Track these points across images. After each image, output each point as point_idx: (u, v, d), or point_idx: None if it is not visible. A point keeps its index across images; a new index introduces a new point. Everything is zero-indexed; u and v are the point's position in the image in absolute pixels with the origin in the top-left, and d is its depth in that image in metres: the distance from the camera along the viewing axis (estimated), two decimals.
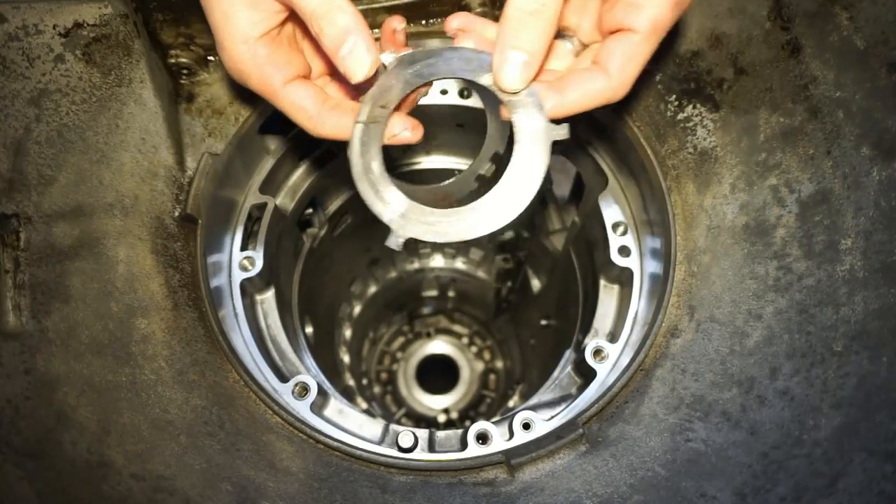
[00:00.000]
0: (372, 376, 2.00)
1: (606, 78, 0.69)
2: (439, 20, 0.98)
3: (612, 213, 1.01)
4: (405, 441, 0.87)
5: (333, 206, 1.29)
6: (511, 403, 1.83)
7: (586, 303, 1.19)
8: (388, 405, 1.98)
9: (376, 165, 0.71)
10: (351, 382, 1.77)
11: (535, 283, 1.62)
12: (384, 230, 0.70)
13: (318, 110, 0.77)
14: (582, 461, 0.79)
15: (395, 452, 0.87)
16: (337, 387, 1.60)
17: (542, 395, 0.98)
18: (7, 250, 0.83)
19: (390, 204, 0.70)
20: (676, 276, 0.86)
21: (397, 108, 0.74)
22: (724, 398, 0.80)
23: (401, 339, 2.07)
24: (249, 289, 1.01)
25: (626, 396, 0.82)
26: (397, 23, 0.79)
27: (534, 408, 0.94)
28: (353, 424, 0.91)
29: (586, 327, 1.06)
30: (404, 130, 0.75)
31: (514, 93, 0.68)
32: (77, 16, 0.88)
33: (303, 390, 0.90)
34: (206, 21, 0.92)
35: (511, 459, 0.79)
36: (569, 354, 1.15)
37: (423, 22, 0.99)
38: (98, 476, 0.76)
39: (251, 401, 0.82)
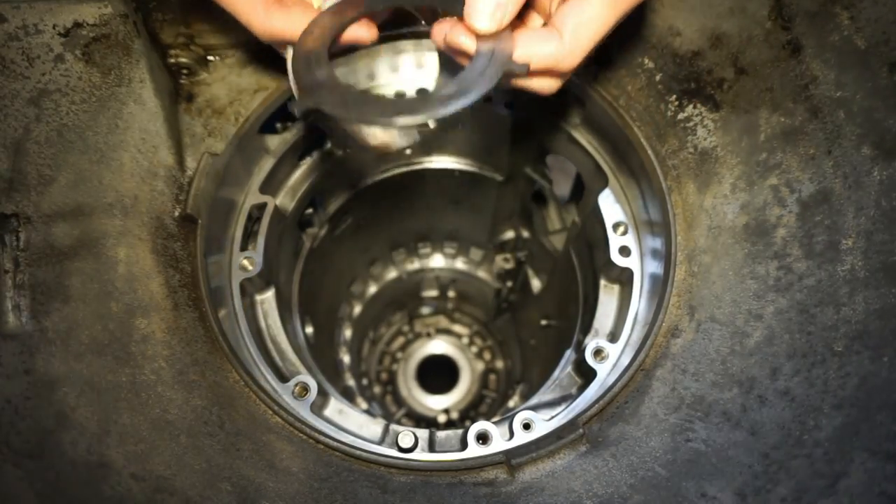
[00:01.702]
0: (372, 376, 1.99)
1: (559, 42, 0.66)
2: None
3: (612, 213, 1.01)
4: (405, 441, 0.87)
5: (333, 206, 1.29)
6: (511, 403, 1.83)
7: (586, 303, 1.19)
8: (388, 405, 1.98)
9: (322, 49, 0.69)
10: (351, 382, 1.77)
11: (535, 283, 1.62)
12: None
13: (266, 6, 0.73)
14: (582, 461, 0.79)
15: (395, 452, 0.87)
16: (337, 387, 1.60)
17: (543, 395, 0.98)
18: (7, 250, 0.83)
19: (315, 75, 0.68)
20: (677, 276, 0.86)
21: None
22: (724, 398, 0.80)
23: (401, 339, 2.06)
24: (249, 289, 1.00)
25: (626, 396, 0.82)
26: None
27: (534, 408, 0.94)
28: (353, 424, 0.91)
29: (586, 327, 1.06)
30: (359, 29, 0.74)
31: (487, 34, 0.64)
32: (77, 15, 0.87)
33: (303, 390, 0.90)
34: (206, 21, 0.93)
35: (511, 459, 0.79)
36: (569, 354, 1.15)
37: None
38: (98, 476, 0.76)
39: (251, 401, 0.82)
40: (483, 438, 0.87)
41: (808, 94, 0.89)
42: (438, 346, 2.06)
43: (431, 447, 0.90)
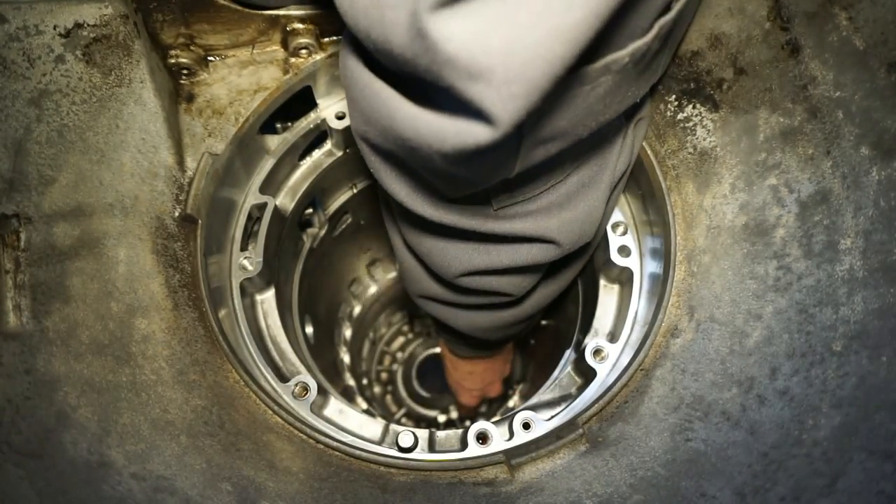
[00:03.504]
0: (372, 376, 1.99)
1: None
2: None
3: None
4: (405, 441, 0.87)
5: (333, 206, 1.29)
6: (511, 403, 1.83)
7: (586, 303, 1.19)
8: (388, 405, 1.98)
9: None
10: (351, 382, 1.77)
11: None
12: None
13: None
14: (582, 461, 0.79)
15: (395, 452, 0.87)
16: (337, 387, 1.60)
17: (542, 394, 0.98)
18: (7, 250, 0.83)
19: None
20: (676, 275, 0.86)
21: None
22: (723, 398, 0.80)
23: (401, 339, 2.06)
24: (249, 289, 1.01)
25: (626, 396, 0.82)
26: None
27: (534, 407, 0.94)
28: (353, 424, 0.91)
29: (586, 327, 1.06)
30: None
31: None
32: (77, 16, 0.88)
33: (303, 390, 0.90)
34: (205, 21, 0.93)
35: (511, 459, 0.79)
36: (569, 354, 1.15)
37: None
38: (98, 476, 0.76)
39: (251, 401, 0.82)
40: (483, 438, 0.87)
41: (806, 95, 0.89)
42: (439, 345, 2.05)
43: (431, 447, 0.90)
